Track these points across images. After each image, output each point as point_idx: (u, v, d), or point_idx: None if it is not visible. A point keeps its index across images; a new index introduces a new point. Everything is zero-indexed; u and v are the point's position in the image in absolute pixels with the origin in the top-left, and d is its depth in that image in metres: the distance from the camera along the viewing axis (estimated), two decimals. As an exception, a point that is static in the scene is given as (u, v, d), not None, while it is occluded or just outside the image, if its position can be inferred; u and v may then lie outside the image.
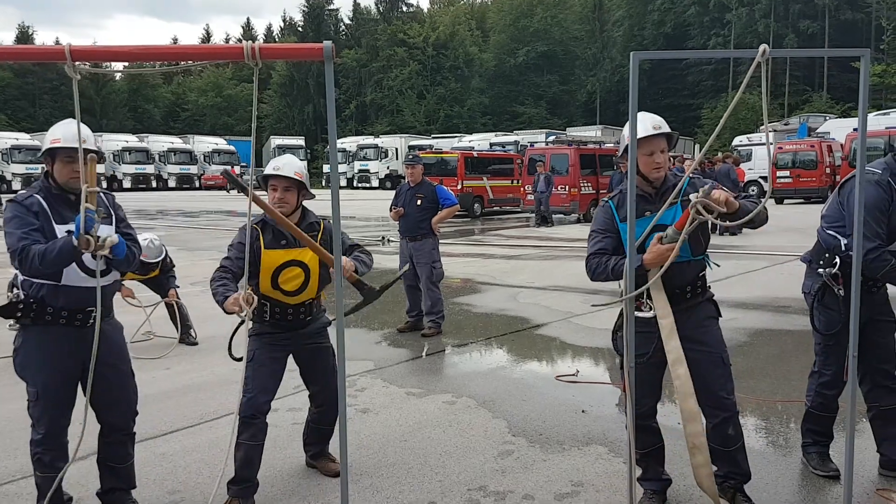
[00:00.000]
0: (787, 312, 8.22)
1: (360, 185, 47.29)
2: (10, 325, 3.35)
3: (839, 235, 3.74)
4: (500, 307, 8.98)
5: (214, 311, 3.68)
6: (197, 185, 48.38)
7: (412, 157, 8.32)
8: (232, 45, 2.59)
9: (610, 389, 5.65)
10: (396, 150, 46.07)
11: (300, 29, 76.73)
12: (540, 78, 68.65)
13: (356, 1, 76.91)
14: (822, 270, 3.75)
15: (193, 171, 49.26)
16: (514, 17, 70.40)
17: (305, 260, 3.78)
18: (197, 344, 7.16)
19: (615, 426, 4.74)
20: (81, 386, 3.41)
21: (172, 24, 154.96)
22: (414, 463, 4.24)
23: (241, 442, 3.69)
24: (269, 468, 3.98)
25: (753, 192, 28.95)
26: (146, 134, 54.20)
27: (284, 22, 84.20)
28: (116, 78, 71.61)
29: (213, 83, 76.20)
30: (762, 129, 31.44)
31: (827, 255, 3.76)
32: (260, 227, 3.81)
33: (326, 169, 48.81)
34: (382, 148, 47.18)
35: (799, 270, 4.34)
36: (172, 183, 47.92)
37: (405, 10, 75.21)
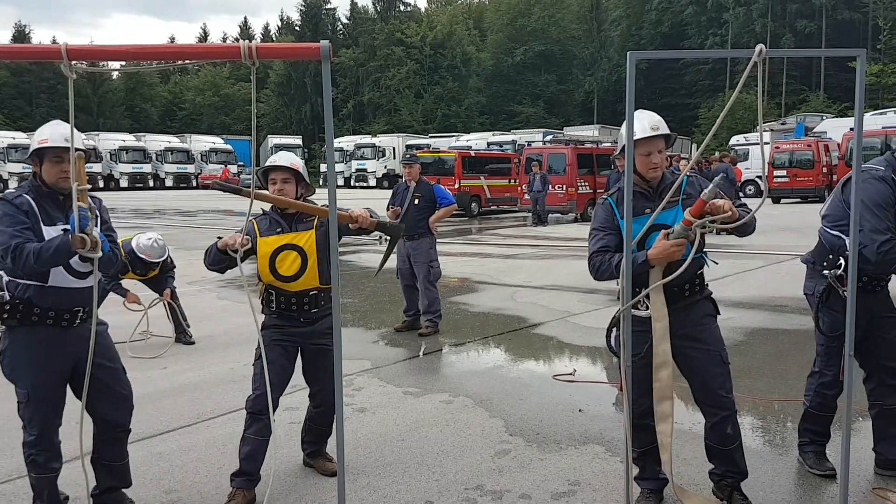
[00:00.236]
0: (783, 312, 8.23)
1: (357, 184, 47.29)
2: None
3: (843, 235, 3.69)
4: (497, 306, 8.98)
5: (211, 310, 3.67)
6: (194, 184, 48.31)
7: (409, 156, 8.30)
8: (229, 44, 2.59)
9: (607, 389, 5.66)
10: (394, 149, 46.07)
11: (297, 28, 76.70)
12: (537, 77, 68.66)
13: (353, 0, 76.95)
14: (827, 272, 3.71)
15: (191, 170, 49.15)
16: (511, 16, 70.42)
17: (301, 244, 3.80)
18: (194, 343, 7.15)
19: (612, 425, 4.75)
20: (71, 387, 3.42)
21: (170, 23, 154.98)
22: (411, 462, 4.24)
23: (247, 436, 3.77)
24: (266, 468, 3.97)
25: (751, 191, 29.04)
26: (143, 133, 54.08)
27: (282, 21, 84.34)
28: (113, 77, 71.51)
29: (210, 82, 76.09)
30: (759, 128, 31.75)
31: (830, 255, 3.73)
32: (256, 221, 3.89)
33: (324, 168, 48.77)
34: (380, 147, 47.19)
35: (796, 270, 4.35)
36: (169, 182, 47.83)
37: (402, 9, 75.19)
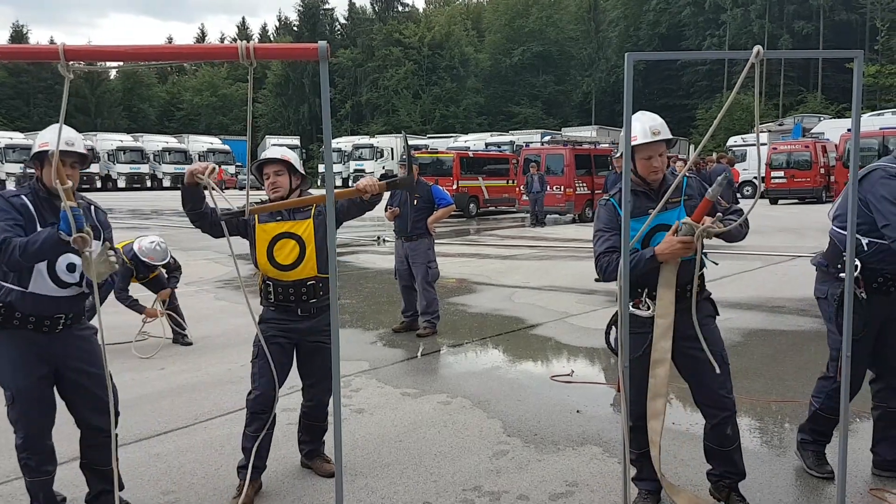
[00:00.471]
0: (781, 313, 8.24)
1: (355, 184, 47.20)
2: None
3: (858, 235, 3.59)
4: (495, 307, 8.98)
5: (209, 311, 3.67)
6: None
7: (407, 156, 8.29)
8: (227, 45, 2.58)
9: (605, 390, 5.66)
10: (392, 150, 46.06)
11: (295, 28, 76.66)
12: (535, 78, 68.71)
13: (351, 0, 76.95)
14: (843, 274, 3.53)
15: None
16: (509, 17, 70.47)
17: (299, 232, 3.80)
18: (191, 344, 7.15)
19: (610, 426, 4.75)
20: (58, 391, 3.42)
21: (168, 22, 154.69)
22: (409, 463, 4.24)
23: (248, 434, 3.79)
24: (265, 470, 3.97)
25: (748, 192, 29.07)
26: (141, 133, 54.04)
27: (280, 21, 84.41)
28: (111, 77, 71.46)
29: (207, 82, 76.07)
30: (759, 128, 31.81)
31: (845, 256, 3.65)
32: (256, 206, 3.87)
33: (322, 169, 48.78)
34: (378, 148, 47.17)
35: (794, 271, 4.36)
36: (167, 183, 47.76)
37: (401, 9, 75.20)
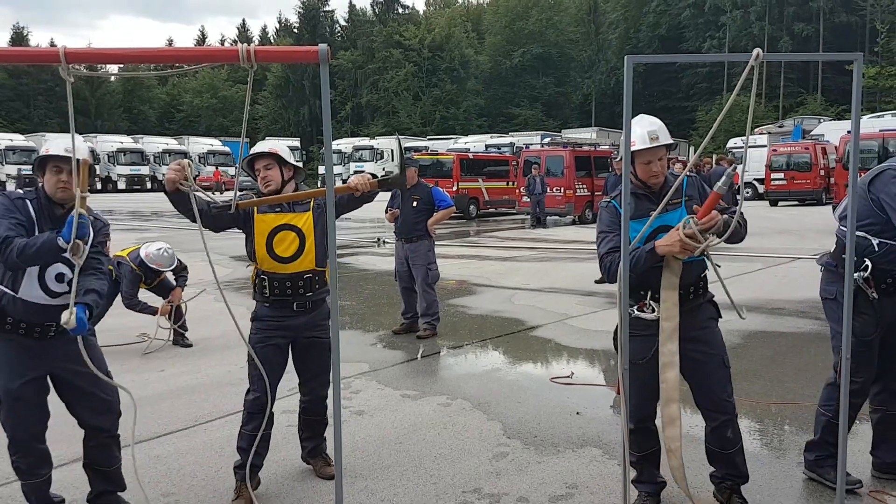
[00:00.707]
0: (781, 315, 8.24)
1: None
2: None
3: (869, 235, 3.56)
4: (495, 309, 8.98)
5: (208, 313, 3.68)
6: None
7: (406, 158, 8.31)
8: (227, 47, 2.59)
9: (605, 391, 5.66)
10: (392, 151, 46.05)
11: (295, 30, 76.73)
12: (535, 80, 68.76)
13: (352, 2, 77.02)
14: (856, 275, 3.53)
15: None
16: (509, 19, 70.53)
17: (299, 224, 3.79)
18: (191, 346, 7.15)
19: (610, 428, 4.75)
20: (58, 394, 3.44)
21: (168, 24, 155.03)
22: (409, 465, 4.24)
23: (245, 433, 3.80)
24: (263, 470, 3.97)
25: (748, 193, 29.07)
26: (141, 135, 54.02)
27: (280, 23, 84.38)
28: (111, 79, 71.48)
29: (208, 84, 76.09)
30: (757, 131, 31.47)
31: (855, 257, 3.47)
32: (255, 196, 3.86)
33: (322, 170, 48.82)
34: (378, 149, 47.17)
35: (794, 273, 4.36)
36: (167, 184, 47.76)
37: (401, 11, 75.29)
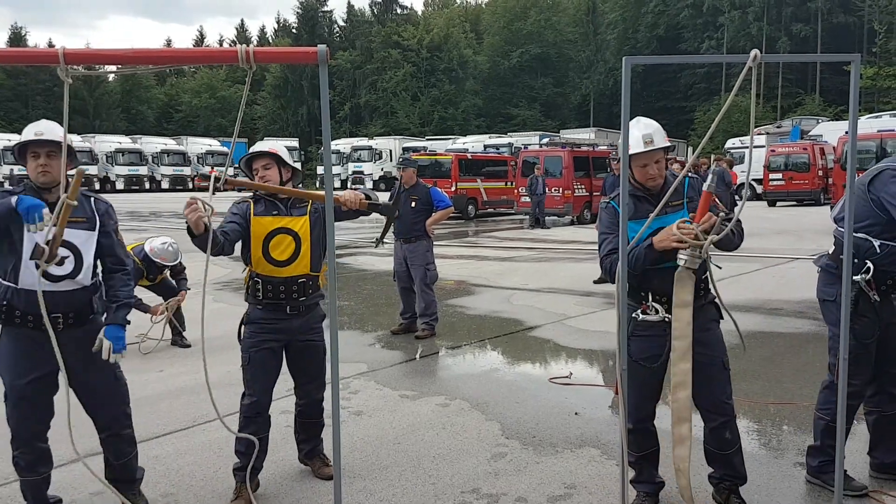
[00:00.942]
0: (779, 315, 8.25)
1: (353, 186, 47.02)
2: None
3: (869, 237, 3.54)
4: (493, 309, 8.98)
5: (208, 313, 3.67)
6: (190, 186, 48.26)
7: (403, 159, 8.33)
8: (226, 48, 2.59)
9: (603, 392, 5.66)
10: (390, 151, 46.09)
11: (294, 31, 76.69)
12: (534, 80, 68.76)
13: (350, 3, 77.03)
14: (857, 277, 3.53)
15: (187, 172, 49.08)
16: (507, 19, 70.54)
17: (296, 228, 3.79)
18: (189, 346, 7.15)
19: (608, 428, 4.75)
20: (77, 392, 3.44)
21: (167, 24, 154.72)
22: (407, 465, 4.24)
23: (242, 437, 3.76)
24: (262, 470, 3.97)
25: (747, 194, 29.07)
26: (139, 135, 53.97)
27: (278, 23, 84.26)
28: (110, 79, 71.41)
29: (206, 84, 76.01)
30: (755, 131, 31.52)
31: (856, 259, 3.51)
32: (252, 200, 3.87)
33: (321, 171, 48.82)
34: (376, 150, 47.18)
35: (792, 273, 4.36)
36: (166, 185, 47.75)
37: (399, 12, 75.30)
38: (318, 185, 47.77)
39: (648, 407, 3.56)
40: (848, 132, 3.02)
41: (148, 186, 47.22)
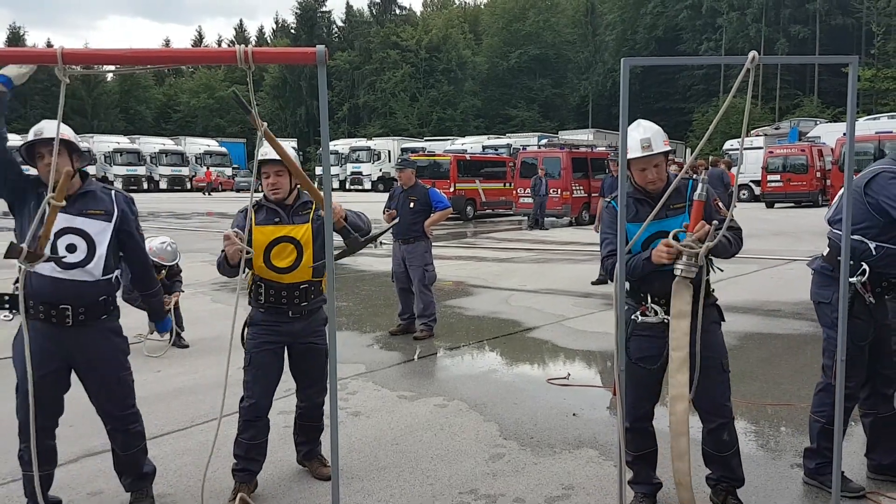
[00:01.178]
0: (777, 316, 8.26)
1: (352, 187, 47.25)
2: (3, 316, 3.36)
3: (866, 239, 3.53)
4: (492, 310, 8.99)
5: (206, 313, 3.68)
6: (189, 186, 48.22)
7: (402, 160, 8.33)
8: (225, 48, 2.59)
9: (601, 393, 5.67)
10: (389, 152, 46.07)
11: (293, 31, 76.69)
12: (532, 81, 68.80)
13: (349, 3, 77.04)
14: (853, 279, 3.51)
15: (185, 172, 49.05)
16: (506, 20, 70.58)
17: (297, 236, 3.78)
18: (188, 347, 7.14)
19: (606, 429, 4.76)
20: (84, 384, 3.46)
21: (165, 25, 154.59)
22: (405, 466, 4.24)
23: (241, 440, 3.80)
24: (260, 471, 3.97)
25: (744, 195, 29.14)
26: (137, 135, 53.90)
27: (277, 24, 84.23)
28: (108, 79, 71.36)
29: (204, 84, 75.93)
30: (753, 132, 31.43)
31: (851, 261, 3.45)
32: (254, 208, 3.83)
33: (319, 171, 48.79)
34: (375, 150, 47.18)
35: (790, 274, 4.36)
36: (164, 185, 47.71)
37: (398, 12, 75.35)
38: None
39: (646, 406, 3.56)
40: (846, 133, 3.02)
41: (146, 186, 47.14)
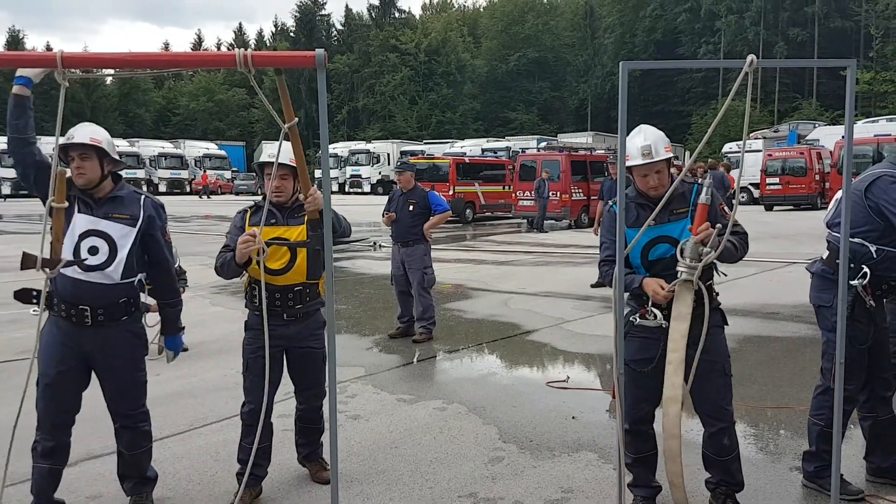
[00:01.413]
0: (776, 319, 8.26)
1: (351, 190, 47.28)
2: (32, 311, 3.53)
3: (867, 242, 3.53)
4: (491, 313, 8.99)
5: (205, 317, 3.68)
6: (188, 189, 48.24)
7: (401, 163, 8.33)
8: (224, 52, 2.60)
9: (600, 395, 5.67)
10: (388, 155, 46.10)
11: (292, 34, 76.77)
12: (531, 84, 68.87)
13: (348, 6, 77.17)
14: (854, 282, 3.51)
15: (184, 175, 49.06)
16: (505, 23, 70.66)
17: (292, 238, 3.76)
18: (187, 350, 7.12)
19: (605, 432, 4.75)
20: (99, 381, 3.50)
21: (165, 28, 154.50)
22: (404, 470, 4.24)
23: (244, 445, 3.81)
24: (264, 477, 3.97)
25: (744, 198, 29.15)
26: (137, 139, 53.88)
27: (276, 27, 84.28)
28: (107, 82, 71.37)
29: (204, 88, 75.90)
30: (752, 135, 31.43)
31: (852, 264, 3.49)
32: (252, 210, 3.85)
33: (318, 174, 48.82)
34: (374, 153, 47.21)
35: (789, 277, 4.36)
36: (163, 188, 47.68)
37: (397, 16, 75.40)
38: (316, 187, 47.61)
39: (645, 408, 3.55)
40: (844, 137, 3.02)
41: (145, 189, 47.13)
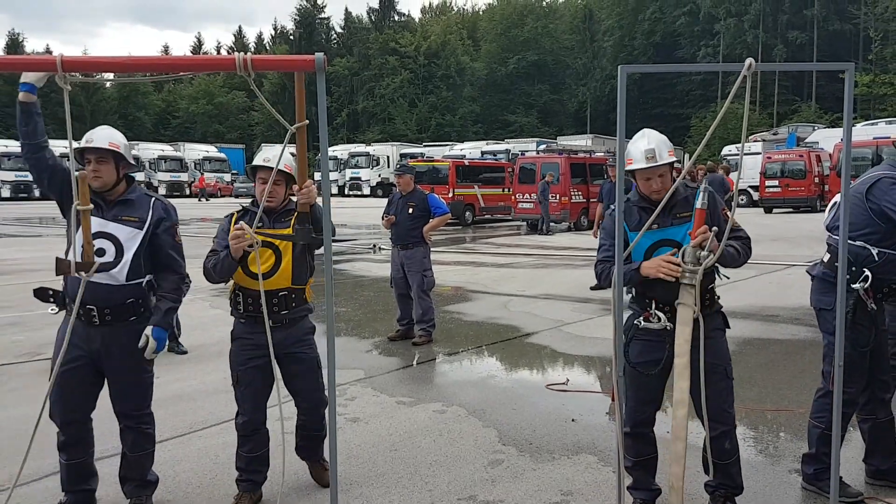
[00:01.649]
0: (775, 321, 8.27)
1: (351, 192, 47.35)
2: (50, 309, 3.52)
3: (868, 245, 3.53)
4: (490, 315, 8.99)
5: (204, 319, 3.68)
6: (188, 192, 48.26)
7: (400, 166, 8.34)
8: (224, 56, 2.61)
9: (600, 398, 5.67)
10: (388, 157, 46.15)
11: (292, 37, 76.85)
12: (531, 87, 68.98)
13: (348, 9, 77.23)
14: (855, 285, 3.51)
15: (184, 178, 49.08)
16: (505, 26, 70.82)
17: (276, 241, 3.71)
18: (186, 353, 7.13)
19: (605, 435, 4.75)
20: (107, 381, 3.52)
21: (164, 31, 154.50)
22: (404, 472, 4.24)
23: (242, 454, 3.80)
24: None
25: (743, 201, 29.19)
26: (137, 141, 53.78)
27: (276, 30, 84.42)
28: (107, 85, 71.43)
29: (203, 91, 75.94)
30: (752, 138, 31.48)
31: (853, 268, 3.50)
32: (239, 213, 3.82)
33: (318, 177, 48.81)
34: (374, 156, 47.26)
35: (788, 280, 4.37)
36: (163, 190, 47.61)
37: (397, 19, 75.52)
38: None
39: (646, 411, 3.54)
40: (843, 140, 3.03)
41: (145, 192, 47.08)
